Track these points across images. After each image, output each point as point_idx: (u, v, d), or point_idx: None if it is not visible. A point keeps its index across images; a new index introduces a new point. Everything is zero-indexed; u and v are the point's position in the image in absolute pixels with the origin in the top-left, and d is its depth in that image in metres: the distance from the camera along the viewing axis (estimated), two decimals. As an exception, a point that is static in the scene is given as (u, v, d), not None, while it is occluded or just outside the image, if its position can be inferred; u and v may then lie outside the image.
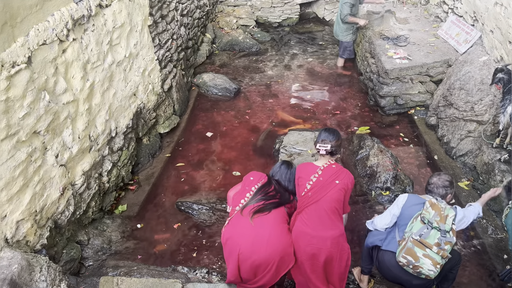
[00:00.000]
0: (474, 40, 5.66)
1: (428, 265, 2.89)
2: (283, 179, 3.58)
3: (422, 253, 2.90)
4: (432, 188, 3.21)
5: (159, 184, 5.12)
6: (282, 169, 3.64)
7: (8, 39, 2.91)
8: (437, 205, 3.03)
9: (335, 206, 3.22)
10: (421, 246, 2.91)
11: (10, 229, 3.03)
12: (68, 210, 3.76)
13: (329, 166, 3.35)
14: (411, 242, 2.94)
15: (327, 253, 3.13)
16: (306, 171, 3.38)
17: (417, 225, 3.00)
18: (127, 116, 4.88)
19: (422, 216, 3.01)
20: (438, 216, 2.97)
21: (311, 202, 3.23)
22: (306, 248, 3.15)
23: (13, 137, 3.01)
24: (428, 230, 2.93)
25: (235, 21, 9.30)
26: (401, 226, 3.17)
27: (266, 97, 6.91)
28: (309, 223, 3.19)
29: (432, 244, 2.89)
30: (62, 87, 3.59)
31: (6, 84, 2.86)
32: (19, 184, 3.10)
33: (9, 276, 2.76)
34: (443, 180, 3.20)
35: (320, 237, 3.13)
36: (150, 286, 3.26)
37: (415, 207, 3.15)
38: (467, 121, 5.04)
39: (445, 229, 2.92)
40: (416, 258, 2.91)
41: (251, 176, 3.60)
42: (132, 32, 4.90)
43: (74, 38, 3.72)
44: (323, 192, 3.23)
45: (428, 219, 2.97)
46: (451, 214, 3.00)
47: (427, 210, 3.01)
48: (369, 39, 6.94)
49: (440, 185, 3.17)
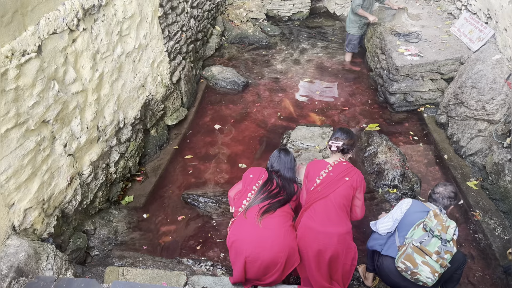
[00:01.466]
0: (487, 38, 5.57)
1: (426, 273, 2.89)
2: (283, 168, 3.53)
3: (421, 260, 2.90)
4: (437, 197, 3.20)
5: (166, 175, 5.13)
6: (281, 156, 3.58)
7: (18, 28, 2.91)
8: (439, 216, 3.05)
9: (343, 202, 3.21)
10: (420, 253, 2.91)
11: (17, 217, 3.05)
12: (75, 200, 3.78)
13: (340, 163, 3.36)
14: (411, 248, 2.95)
15: (333, 249, 3.11)
16: (317, 166, 3.37)
17: (418, 232, 3.01)
18: (135, 107, 4.88)
19: (424, 223, 3.02)
20: (440, 225, 2.98)
21: (320, 197, 3.21)
22: (313, 244, 3.13)
23: (22, 126, 3.02)
24: (429, 238, 2.94)
25: (245, 14, 9.24)
26: (401, 231, 3.17)
27: (274, 91, 6.87)
28: (316, 219, 3.17)
29: (432, 252, 2.89)
30: (72, 77, 3.59)
31: (16, 73, 2.87)
32: (28, 172, 3.12)
33: (16, 263, 2.78)
34: (449, 190, 3.20)
35: (327, 233, 3.11)
36: (155, 277, 3.27)
37: (418, 214, 3.15)
38: (477, 120, 4.98)
39: (446, 238, 2.93)
40: (415, 264, 2.91)
41: (250, 174, 3.54)
42: (142, 23, 4.88)
43: (84, 28, 3.72)
44: (332, 188, 3.22)
45: (431, 227, 2.98)
46: (452, 225, 3.02)
47: (430, 219, 3.02)
48: (380, 35, 6.86)
49: (446, 195, 3.18)
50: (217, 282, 3.32)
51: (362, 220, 4.39)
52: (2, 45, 2.76)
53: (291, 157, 3.62)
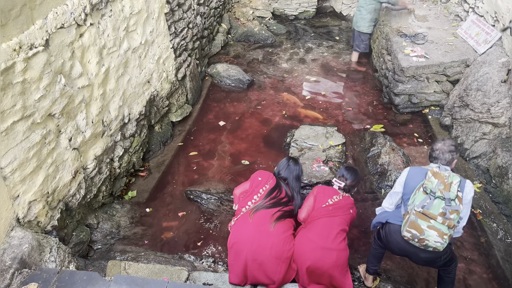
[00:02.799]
0: (494, 41, 5.55)
1: (434, 237, 2.74)
2: (291, 176, 3.62)
3: (426, 225, 2.74)
4: (437, 154, 3.01)
5: (169, 171, 5.15)
6: (290, 165, 3.67)
7: (26, 21, 2.93)
8: (439, 173, 2.85)
9: (345, 227, 3.35)
10: (424, 218, 2.75)
11: (22, 209, 3.07)
12: (79, 193, 3.81)
13: (348, 197, 3.58)
14: (414, 215, 2.79)
15: (331, 265, 3.12)
16: (329, 191, 3.56)
17: (419, 196, 2.84)
18: (141, 103, 4.90)
19: (424, 186, 2.84)
20: (442, 184, 2.79)
21: (328, 215, 3.32)
22: (310, 257, 3.14)
23: (28, 119, 3.04)
24: (431, 200, 2.76)
25: (251, 12, 9.24)
26: (406, 199, 3.04)
27: (279, 90, 6.87)
28: (318, 233, 3.22)
29: (437, 215, 2.72)
30: (78, 72, 3.61)
31: (23, 66, 2.89)
32: (33, 165, 3.14)
33: (19, 255, 2.81)
34: (448, 144, 3.02)
35: (326, 249, 3.15)
36: (156, 272, 3.29)
37: (417, 177, 2.99)
38: (482, 123, 4.96)
39: (449, 197, 2.74)
40: (421, 230, 2.76)
41: (259, 176, 3.60)
42: (149, 19, 4.90)
43: (91, 23, 3.74)
44: (340, 212, 3.38)
45: (431, 188, 2.80)
46: (455, 181, 2.81)
47: (430, 180, 2.84)
48: (386, 35, 6.84)
49: (446, 149, 2.99)
50: (218, 278, 3.34)
51: (363, 220, 4.40)
52: (10, 39, 2.78)
53: (300, 167, 3.68)
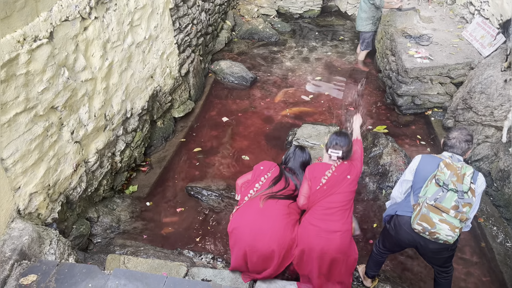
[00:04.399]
0: (499, 44, 5.53)
1: (445, 231, 2.68)
2: (297, 164, 3.58)
3: (438, 219, 2.68)
4: (453, 142, 2.92)
5: (171, 167, 5.15)
6: (297, 153, 3.64)
7: (31, 13, 2.93)
8: (452, 165, 2.79)
9: (346, 199, 3.21)
10: (436, 211, 2.69)
11: (23, 200, 3.08)
12: (80, 187, 3.81)
13: (342, 163, 3.37)
14: (426, 208, 2.72)
15: (336, 248, 3.09)
16: (320, 168, 3.37)
17: (431, 189, 2.77)
18: (143, 98, 4.90)
19: (436, 178, 2.77)
20: (455, 175, 2.72)
21: (325, 195, 3.22)
22: (316, 242, 3.11)
23: (31, 111, 3.04)
24: (444, 193, 2.70)
25: (256, 10, 9.23)
26: (416, 189, 2.96)
27: (282, 88, 6.86)
28: (320, 217, 3.17)
29: (449, 208, 2.66)
30: (82, 65, 3.61)
31: (27, 58, 2.89)
32: (34, 157, 3.15)
33: (19, 246, 2.81)
34: (465, 133, 2.93)
35: (329, 231, 3.11)
36: (155, 267, 3.30)
37: (429, 166, 2.91)
38: (485, 126, 4.95)
39: (462, 190, 2.68)
40: (432, 224, 2.70)
41: (261, 166, 3.58)
42: (153, 14, 4.89)
43: (96, 17, 3.74)
44: (337, 186, 3.23)
45: (444, 180, 2.73)
46: (468, 172, 2.75)
47: (442, 171, 2.76)
48: (391, 36, 6.82)
49: (463, 138, 2.91)
50: (217, 274, 3.34)
51: (364, 220, 4.40)
52: (14, 30, 2.79)
53: (307, 155, 3.67)
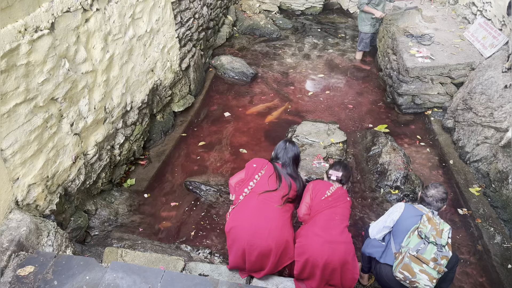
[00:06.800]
0: (500, 45, 5.53)
1: (424, 281, 2.90)
2: (288, 159, 3.55)
3: (419, 269, 2.90)
4: (430, 200, 3.20)
5: (170, 161, 5.14)
6: (288, 147, 3.61)
7: (33, 3, 2.91)
8: (432, 219, 3.05)
9: (347, 214, 3.37)
10: (418, 262, 2.91)
11: (21, 192, 3.07)
12: (78, 179, 3.80)
13: (340, 187, 3.57)
14: (408, 258, 2.94)
15: (339, 259, 3.10)
16: (324, 183, 3.56)
17: (414, 240, 3.00)
18: (143, 91, 4.88)
19: (419, 230, 3.01)
20: (434, 230, 2.99)
21: (329, 206, 3.33)
22: (320, 253, 3.11)
23: (31, 102, 3.03)
24: (425, 245, 2.94)
25: (258, 6, 9.20)
26: (397, 238, 3.16)
27: (282, 85, 6.85)
28: (324, 227, 3.21)
29: (429, 260, 2.89)
30: (82, 57, 3.59)
31: (28, 48, 2.87)
32: (33, 148, 3.13)
33: (17, 237, 2.81)
34: (441, 192, 3.20)
35: (334, 242, 3.14)
36: (153, 261, 3.30)
37: (411, 219, 3.14)
38: (485, 127, 4.95)
39: (441, 243, 2.94)
40: (413, 273, 2.91)
41: (253, 163, 3.55)
42: (155, 7, 4.87)
43: (97, 8, 3.71)
44: (340, 201, 3.39)
45: (425, 233, 2.98)
46: (446, 228, 3.03)
47: (424, 224, 3.02)
48: (392, 35, 6.81)
49: (439, 197, 3.18)
50: (214, 270, 3.34)
51: (361, 219, 4.41)
52: (16, 20, 2.77)
53: (297, 148, 3.65)
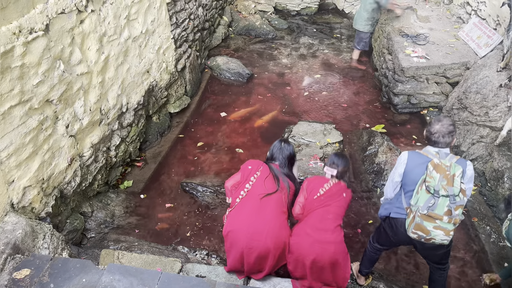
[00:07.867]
0: (495, 45, 5.55)
1: (440, 236, 2.72)
2: (284, 159, 3.53)
3: (432, 226, 2.70)
4: (437, 137, 2.85)
5: (166, 163, 5.13)
6: (283, 147, 3.57)
7: (27, 5, 2.89)
8: (440, 165, 2.73)
9: (341, 213, 3.31)
10: (430, 220, 2.70)
11: (16, 194, 3.05)
12: (74, 181, 3.78)
13: (339, 182, 3.48)
14: (419, 217, 2.73)
15: (330, 257, 3.11)
16: (319, 180, 3.48)
17: (423, 197, 2.74)
18: (139, 93, 4.87)
19: (427, 184, 2.73)
20: (444, 179, 2.68)
21: (322, 205, 3.29)
22: (309, 251, 3.13)
23: (25, 104, 3.01)
24: (435, 201, 2.68)
25: (253, 6, 9.19)
26: (407, 191, 2.95)
27: (278, 85, 6.85)
28: (315, 226, 3.20)
29: (442, 215, 2.67)
30: (77, 58, 3.58)
31: (22, 50, 2.86)
32: (29, 150, 3.12)
33: (12, 240, 2.79)
34: (446, 125, 2.84)
35: (324, 242, 3.14)
36: (150, 263, 3.29)
37: (418, 169, 2.85)
38: (480, 126, 4.97)
39: (453, 193, 2.66)
40: (427, 232, 2.73)
41: (249, 165, 3.52)
42: (150, 8, 4.86)
43: (92, 10, 3.70)
44: (333, 199, 3.32)
45: (434, 187, 2.69)
46: (458, 172, 2.70)
47: (431, 175, 2.72)
48: (387, 35, 6.83)
49: (445, 132, 2.82)
50: (211, 271, 3.34)
51: (358, 218, 4.42)
52: (10, 22, 2.75)
53: (292, 147, 3.63)
